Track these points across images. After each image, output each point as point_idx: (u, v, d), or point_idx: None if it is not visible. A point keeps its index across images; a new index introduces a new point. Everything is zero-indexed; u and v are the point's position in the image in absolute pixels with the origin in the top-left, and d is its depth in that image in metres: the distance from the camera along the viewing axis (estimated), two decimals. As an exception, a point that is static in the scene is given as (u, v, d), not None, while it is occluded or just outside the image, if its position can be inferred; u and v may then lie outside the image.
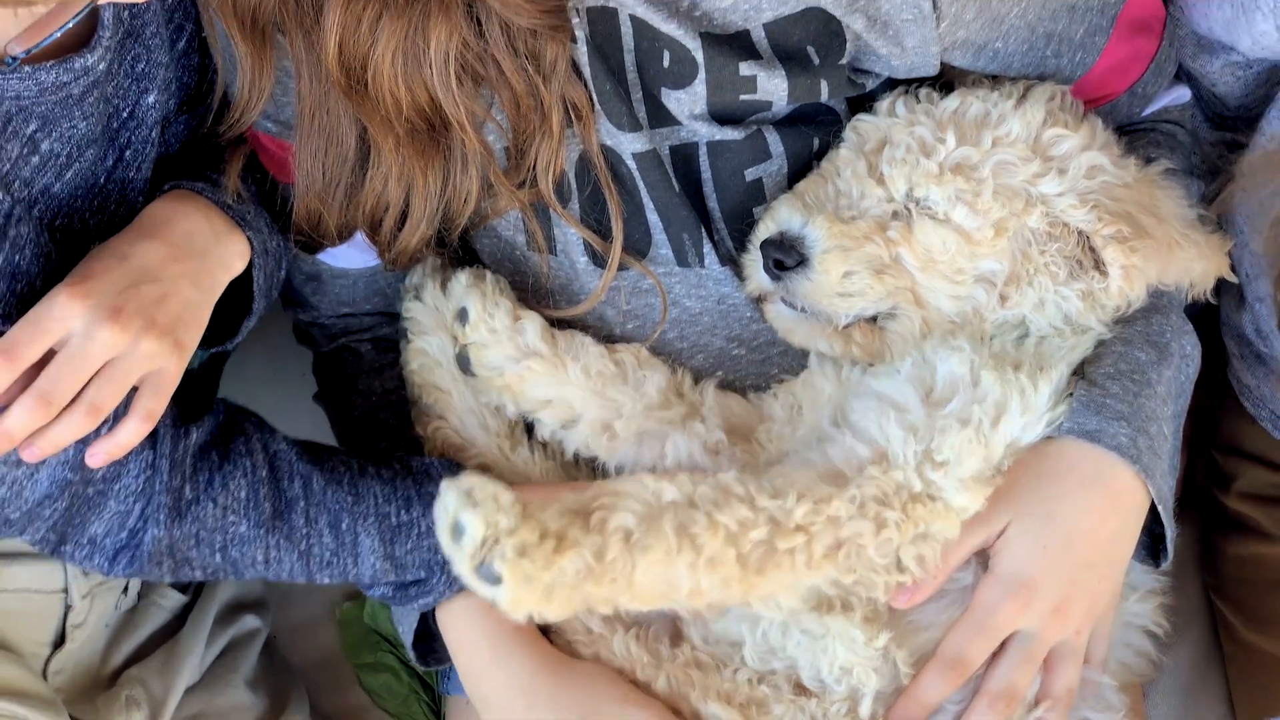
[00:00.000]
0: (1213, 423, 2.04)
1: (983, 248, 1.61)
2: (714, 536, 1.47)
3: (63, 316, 1.46)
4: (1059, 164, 1.63)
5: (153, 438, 1.56)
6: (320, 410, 1.90)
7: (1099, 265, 1.62)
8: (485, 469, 1.71)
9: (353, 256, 1.76)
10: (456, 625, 1.67)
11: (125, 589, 1.85)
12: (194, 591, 1.93)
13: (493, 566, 1.41)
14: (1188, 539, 2.03)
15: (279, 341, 1.96)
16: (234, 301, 1.66)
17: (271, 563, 1.64)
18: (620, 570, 1.44)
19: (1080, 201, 1.61)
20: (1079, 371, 1.64)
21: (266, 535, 1.62)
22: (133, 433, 1.52)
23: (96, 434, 1.52)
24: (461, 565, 1.43)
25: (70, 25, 1.33)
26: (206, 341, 1.61)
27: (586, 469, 1.74)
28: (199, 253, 1.57)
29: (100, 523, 1.58)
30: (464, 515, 1.42)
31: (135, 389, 1.52)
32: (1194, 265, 1.64)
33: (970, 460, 1.56)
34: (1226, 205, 1.88)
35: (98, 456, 1.52)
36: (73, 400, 1.48)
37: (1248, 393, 1.91)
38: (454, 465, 1.68)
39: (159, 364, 1.51)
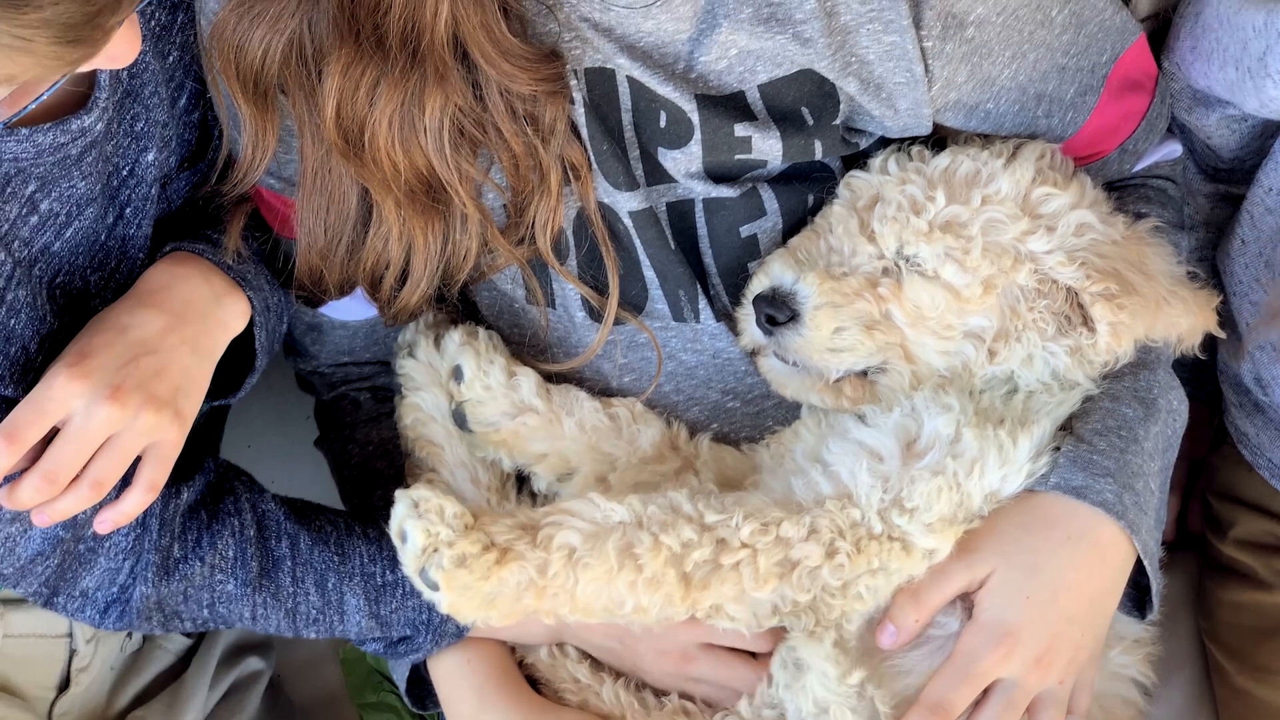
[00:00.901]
0: (1209, 469, 2.05)
1: (971, 304, 1.62)
2: (656, 557, 1.53)
3: (63, 398, 1.49)
4: (1048, 222, 1.64)
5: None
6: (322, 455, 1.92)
7: (1087, 322, 1.63)
8: None
9: (353, 309, 1.78)
10: (445, 677, 1.71)
11: (130, 632, 1.86)
12: (198, 634, 1.94)
13: (429, 574, 1.52)
14: (1181, 583, 2.04)
15: (283, 387, 1.98)
16: (237, 356, 1.67)
17: (259, 619, 1.66)
18: (562, 585, 1.53)
19: (1068, 259, 1.62)
20: (1066, 426, 1.65)
21: (253, 594, 1.65)
22: (137, 503, 1.55)
23: (102, 500, 1.54)
24: (407, 569, 1.54)
25: (45, 97, 1.35)
26: (210, 395, 1.63)
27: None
28: (198, 317, 1.59)
29: (91, 578, 1.61)
30: (408, 524, 1.53)
31: (140, 457, 1.55)
32: (1181, 321, 1.65)
33: (939, 505, 1.58)
34: (1225, 255, 1.90)
35: (104, 524, 1.55)
36: (78, 474, 1.51)
37: (1245, 441, 1.92)
38: None
39: (159, 436, 1.53)
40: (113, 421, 1.50)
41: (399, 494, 1.55)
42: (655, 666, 1.70)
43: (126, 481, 1.56)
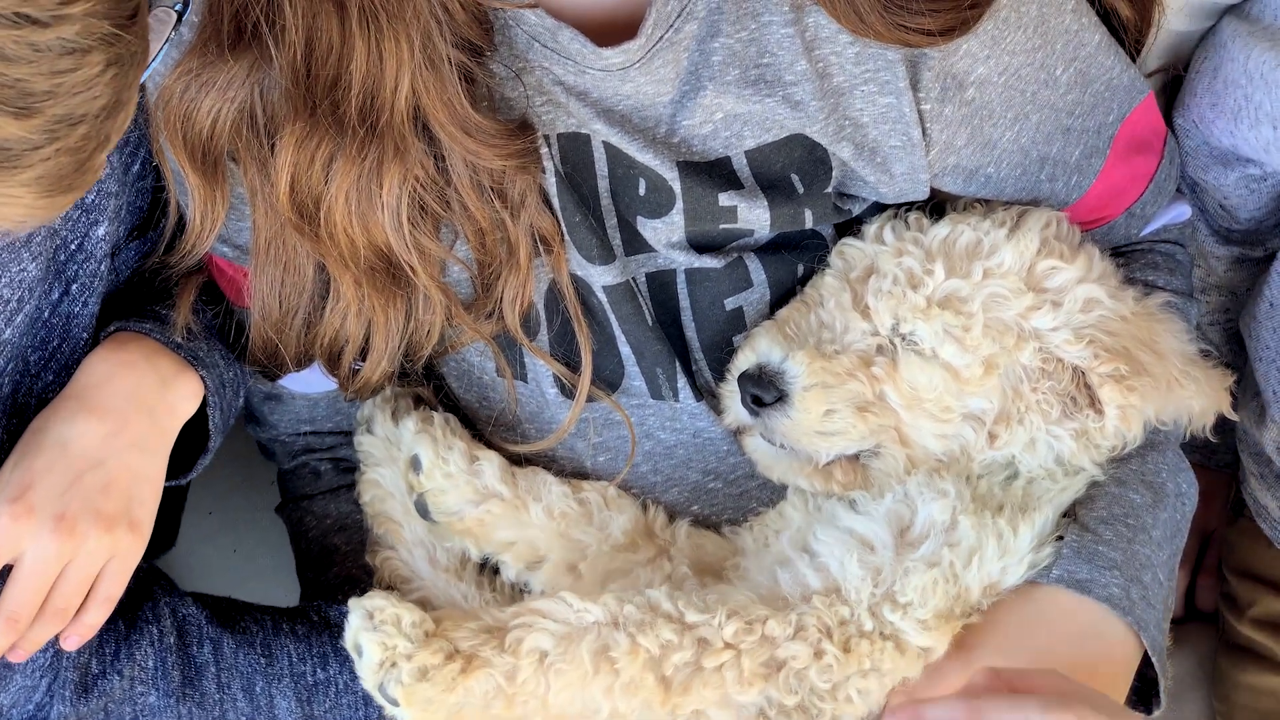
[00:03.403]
0: (1225, 544, 2.03)
1: (971, 385, 1.57)
2: (634, 661, 1.48)
3: (11, 538, 1.48)
4: (1053, 297, 1.59)
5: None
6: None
7: (1094, 404, 1.58)
8: (425, 603, 1.70)
9: (314, 381, 1.73)
10: None
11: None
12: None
13: (389, 690, 1.46)
14: (1190, 661, 2.03)
15: (246, 451, 1.95)
16: (191, 434, 1.63)
17: None
18: (533, 692, 1.47)
19: (1076, 337, 1.57)
20: (1070, 512, 1.61)
21: (177, 704, 1.61)
22: (97, 616, 1.53)
23: None
24: (365, 684, 1.48)
25: None
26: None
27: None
28: (145, 411, 1.56)
29: (7, 695, 1.57)
30: (363, 637, 1.47)
31: None
32: (1194, 403, 1.60)
33: (935, 599, 1.54)
34: (1250, 319, 1.86)
35: (70, 641, 1.53)
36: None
37: (1265, 514, 1.89)
38: None
39: (115, 552, 1.52)
40: (64, 553, 1.49)
41: (352, 604, 1.49)
42: None
43: None
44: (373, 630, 1.46)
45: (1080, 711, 1.41)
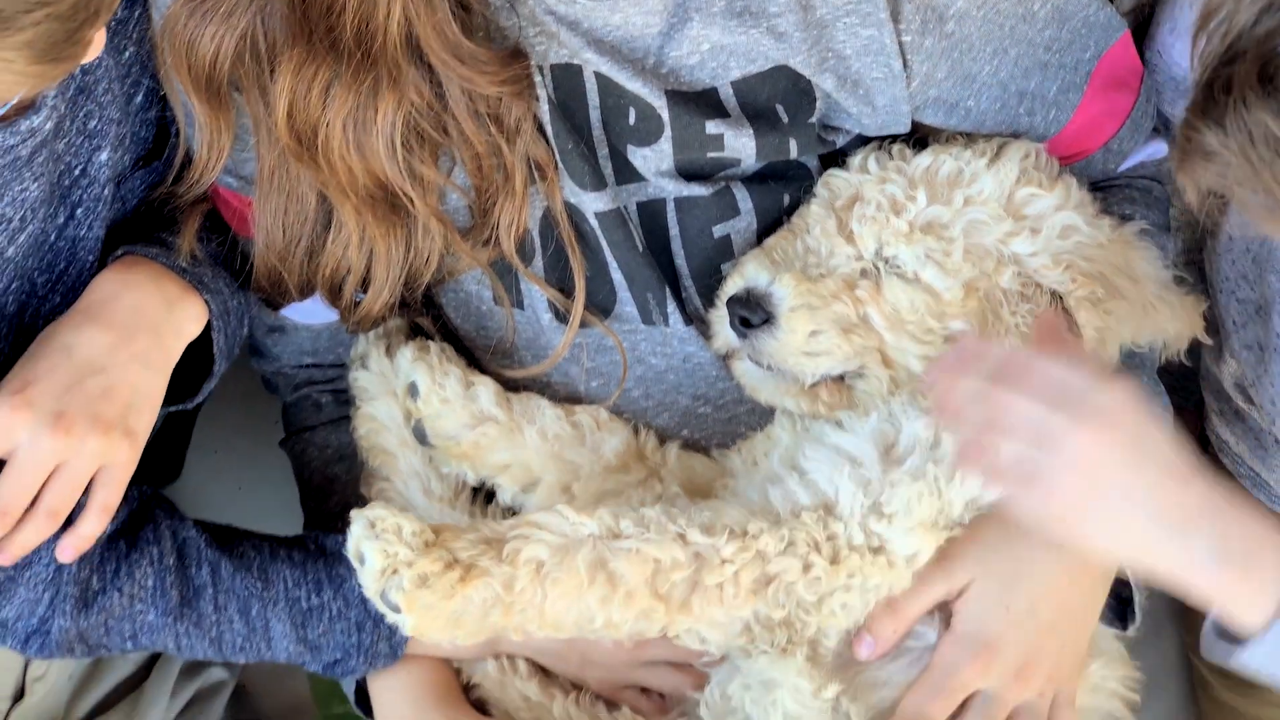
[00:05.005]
0: None
1: (952, 308, 1.61)
2: (635, 572, 1.51)
3: (7, 430, 1.50)
4: (1032, 224, 1.62)
5: (67, 525, 1.58)
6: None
7: (1072, 327, 1.61)
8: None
9: (316, 311, 1.75)
10: (381, 691, 1.71)
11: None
12: (155, 646, 1.95)
13: (390, 596, 1.49)
14: (1166, 597, 1.98)
15: (249, 389, 1.96)
16: (196, 360, 1.66)
17: (183, 648, 1.66)
18: (529, 601, 1.50)
19: (1054, 262, 1.61)
20: None
21: (175, 623, 1.64)
22: (93, 525, 1.56)
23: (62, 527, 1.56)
24: (367, 591, 1.51)
25: (9, 106, 1.36)
26: (167, 400, 1.62)
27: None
28: (149, 328, 1.58)
29: (11, 608, 1.60)
30: (365, 545, 1.50)
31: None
32: (1168, 327, 1.64)
33: (920, 510, 1.57)
34: (1211, 253, 1.87)
35: (66, 552, 1.56)
36: (32, 504, 1.52)
37: (1226, 449, 1.91)
38: None
39: (109, 459, 1.54)
40: (59, 450, 1.51)
41: (354, 514, 1.52)
42: (608, 658, 1.68)
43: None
44: (374, 538, 1.49)
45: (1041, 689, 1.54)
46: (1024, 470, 1.40)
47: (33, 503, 1.52)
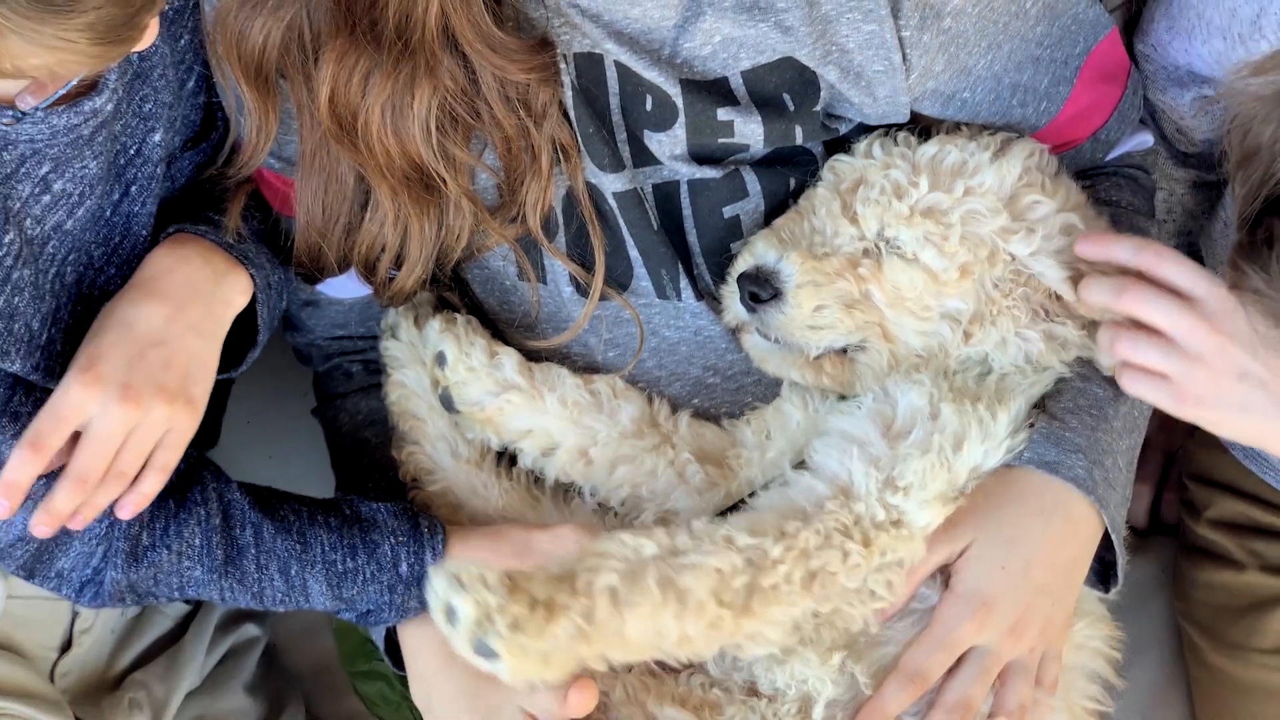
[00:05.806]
0: (1184, 453, 2.10)
1: (948, 287, 1.65)
2: (701, 584, 1.50)
3: (80, 404, 1.56)
4: (1030, 226, 1.66)
5: None
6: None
7: (1068, 315, 1.67)
8: (447, 492, 1.79)
9: (349, 286, 1.82)
10: (410, 636, 1.74)
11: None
12: (196, 600, 1.99)
13: (488, 642, 1.45)
14: (1153, 567, 2.09)
15: (282, 364, 2.02)
16: (239, 332, 1.72)
17: (227, 600, 1.71)
18: (611, 629, 1.48)
19: (1056, 262, 1.65)
20: (1039, 405, 1.68)
21: (220, 579, 1.69)
22: (153, 484, 1.61)
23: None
24: (459, 644, 1.47)
25: (71, 86, 1.42)
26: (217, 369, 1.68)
27: (549, 495, 1.81)
28: (202, 299, 1.64)
29: (67, 559, 1.66)
30: (454, 599, 1.46)
31: None
32: None
33: (934, 483, 1.61)
34: (1207, 238, 1.94)
35: (126, 509, 1.61)
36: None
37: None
38: (403, 512, 1.73)
39: (173, 424, 1.60)
40: (129, 420, 1.57)
41: (433, 571, 1.48)
42: None
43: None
44: (463, 590, 1.45)
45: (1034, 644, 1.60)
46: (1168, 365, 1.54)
47: None
